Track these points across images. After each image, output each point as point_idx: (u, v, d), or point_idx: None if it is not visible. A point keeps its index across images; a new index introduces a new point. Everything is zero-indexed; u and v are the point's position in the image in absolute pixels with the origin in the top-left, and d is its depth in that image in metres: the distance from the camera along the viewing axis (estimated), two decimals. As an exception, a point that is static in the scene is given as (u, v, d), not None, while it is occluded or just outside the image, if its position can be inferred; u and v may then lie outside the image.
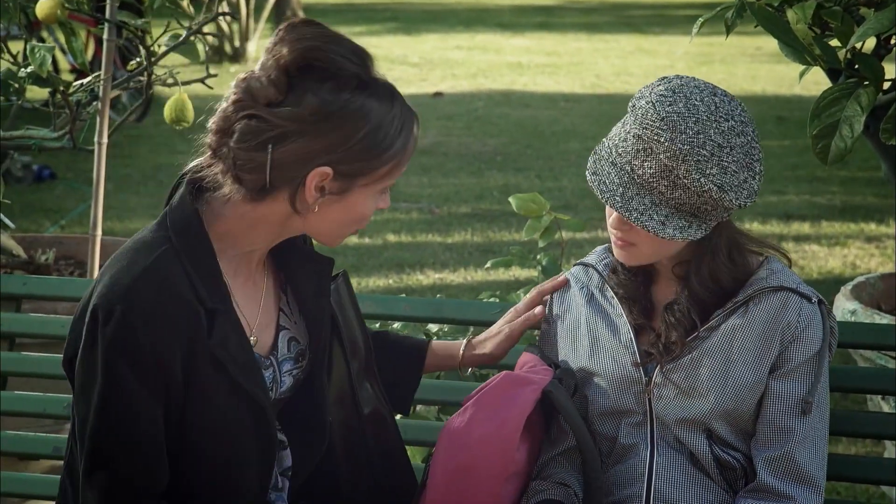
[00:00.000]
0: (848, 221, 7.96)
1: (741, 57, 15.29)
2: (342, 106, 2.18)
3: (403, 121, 2.25)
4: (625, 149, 2.41)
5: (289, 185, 2.20)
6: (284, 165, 2.18)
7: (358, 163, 2.21)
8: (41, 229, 7.53)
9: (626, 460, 2.52)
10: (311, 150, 2.18)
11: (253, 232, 2.27)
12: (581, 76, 14.35)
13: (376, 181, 2.25)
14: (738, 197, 2.38)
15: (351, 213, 2.27)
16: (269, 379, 2.33)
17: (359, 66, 2.21)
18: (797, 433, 2.44)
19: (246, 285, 2.32)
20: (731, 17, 3.12)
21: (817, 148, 2.87)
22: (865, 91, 2.85)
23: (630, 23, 19.98)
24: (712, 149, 2.36)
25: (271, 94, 2.18)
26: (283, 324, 2.38)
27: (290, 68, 2.18)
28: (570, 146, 10.34)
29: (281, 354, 2.37)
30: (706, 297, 2.47)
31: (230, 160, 2.20)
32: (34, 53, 3.35)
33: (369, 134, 2.20)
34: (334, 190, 2.22)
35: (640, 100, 2.42)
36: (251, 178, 2.19)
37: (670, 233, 2.39)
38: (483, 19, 20.12)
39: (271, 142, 2.17)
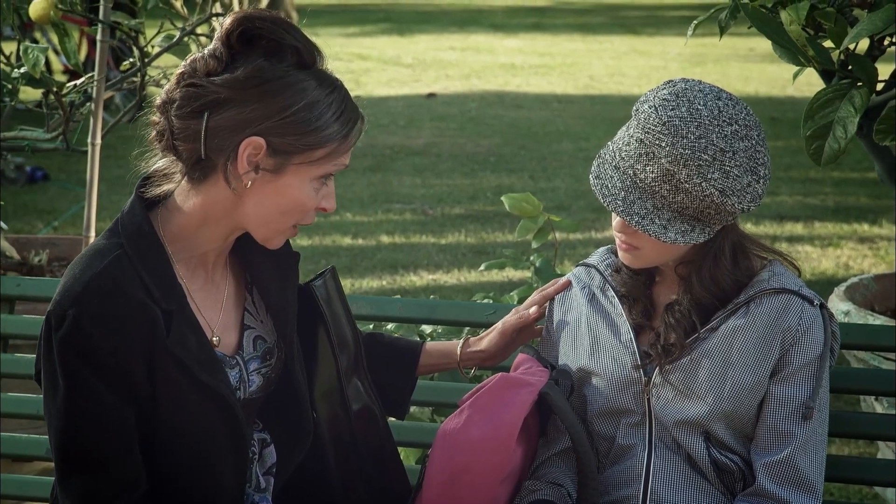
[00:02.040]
0: (841, 222, 7.96)
1: (734, 58, 15.30)
2: (278, 76, 2.19)
3: (344, 110, 2.25)
4: (628, 153, 2.41)
5: (223, 157, 2.20)
6: (218, 133, 2.19)
7: (290, 137, 2.20)
8: (34, 230, 7.52)
9: (623, 461, 2.52)
10: (244, 118, 2.18)
11: (203, 230, 2.27)
12: (574, 77, 14.36)
13: (311, 165, 2.24)
14: (741, 201, 2.38)
15: (286, 198, 2.25)
16: (236, 378, 2.33)
17: (302, 44, 2.23)
18: (798, 438, 2.43)
19: (205, 287, 2.33)
20: (724, 18, 3.13)
21: (811, 149, 2.87)
22: (859, 92, 2.85)
23: (624, 24, 19.99)
24: (714, 153, 2.35)
25: (211, 65, 2.21)
26: (248, 323, 2.39)
27: (231, 38, 2.20)
28: (563, 147, 10.34)
29: (247, 353, 2.36)
30: (707, 300, 2.47)
31: (168, 131, 2.22)
32: (27, 54, 3.35)
33: (303, 108, 2.19)
34: (269, 167, 2.21)
35: (644, 104, 2.42)
36: (186, 148, 2.21)
37: (672, 237, 2.39)
38: (476, 20, 20.12)
39: (207, 108, 2.18)
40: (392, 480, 2.52)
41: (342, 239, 7.67)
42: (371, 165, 9.69)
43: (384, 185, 9.06)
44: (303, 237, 7.67)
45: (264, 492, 2.39)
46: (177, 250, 2.27)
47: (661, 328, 2.49)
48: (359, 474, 2.46)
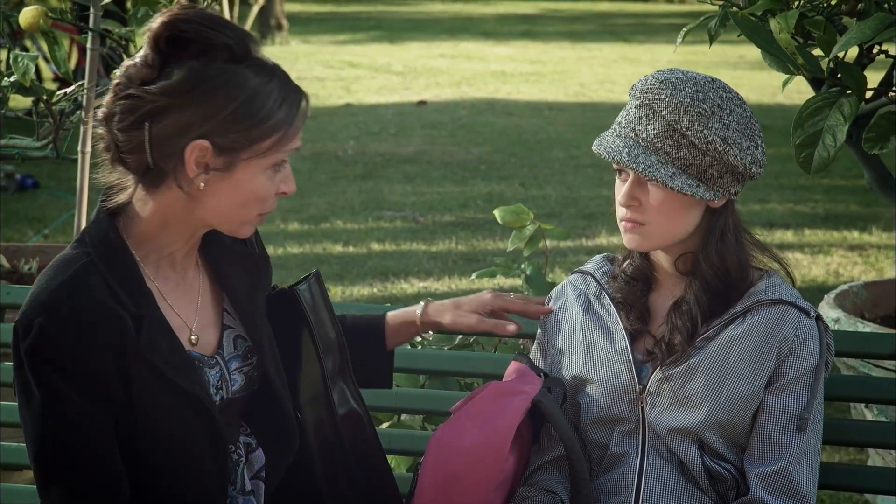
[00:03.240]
0: (831, 230, 7.98)
1: (724, 65, 15.33)
2: (212, 76, 2.17)
3: (285, 95, 2.23)
4: (627, 119, 2.45)
5: (171, 164, 2.19)
6: (162, 141, 2.18)
7: (234, 134, 2.19)
8: (24, 238, 7.51)
9: (615, 468, 2.52)
10: (185, 123, 2.17)
11: (166, 231, 2.27)
12: (565, 84, 14.38)
13: (261, 156, 2.22)
14: (742, 157, 2.41)
15: (243, 192, 2.24)
16: (217, 377, 2.32)
17: (233, 40, 2.20)
18: (792, 449, 2.43)
19: (178, 288, 2.33)
20: (714, 26, 3.13)
21: (800, 157, 2.88)
22: (848, 100, 2.86)
23: (613, 31, 20.03)
24: (712, 106, 2.40)
25: (145, 73, 2.19)
26: (228, 323, 2.38)
27: (160, 42, 2.18)
28: (554, 154, 10.35)
29: (227, 353, 2.36)
30: (714, 284, 2.47)
31: (113, 144, 2.22)
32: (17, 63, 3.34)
33: (243, 104, 2.18)
34: (218, 166, 2.20)
35: (637, 82, 2.48)
36: (134, 159, 2.20)
37: (679, 185, 2.39)
38: (467, 28, 20.15)
39: (147, 118, 2.17)
40: (380, 486, 2.51)
41: (333, 247, 7.67)
42: (362, 173, 9.69)
43: (375, 192, 9.06)
44: (294, 245, 7.67)
45: (249, 495, 2.38)
46: (143, 255, 2.27)
47: (665, 329, 2.49)
48: (346, 480, 2.45)
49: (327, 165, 10.00)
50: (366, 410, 2.53)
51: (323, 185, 9.34)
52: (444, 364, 3.07)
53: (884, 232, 7.80)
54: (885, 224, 7.91)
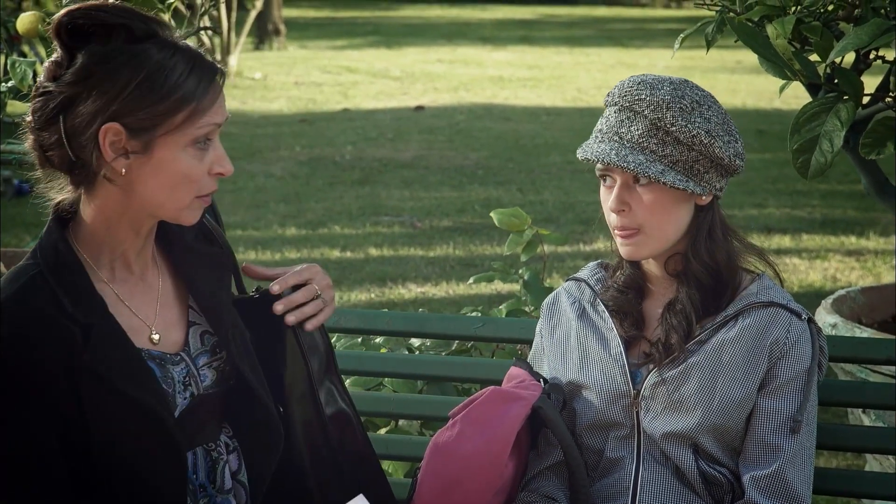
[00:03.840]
0: (828, 235, 7.98)
1: (721, 70, 15.36)
2: (111, 56, 2.16)
3: (192, 66, 2.20)
4: (608, 126, 2.46)
5: (91, 153, 2.18)
6: (77, 132, 2.17)
7: (141, 112, 2.17)
8: (21, 243, 7.50)
9: (611, 474, 2.52)
10: (93, 109, 2.16)
11: (111, 230, 2.25)
12: (562, 89, 14.39)
13: (177, 131, 2.19)
14: (726, 149, 2.43)
15: (168, 174, 2.21)
16: (184, 373, 2.31)
17: (131, 20, 2.19)
18: (786, 451, 2.44)
19: (137, 287, 2.31)
20: (711, 31, 3.14)
21: (797, 162, 2.88)
22: (845, 106, 2.86)
23: (611, 36, 20.06)
24: (691, 102, 2.43)
25: (55, 70, 2.20)
26: (193, 319, 2.37)
27: (63, 37, 2.18)
28: (551, 160, 10.36)
29: (194, 349, 2.34)
30: (706, 281, 2.47)
31: (37, 145, 2.21)
32: (15, 68, 3.34)
33: (145, 80, 2.16)
34: (136, 148, 2.18)
35: (612, 90, 2.49)
36: (57, 156, 2.20)
37: (671, 179, 2.40)
38: (464, 33, 20.17)
39: (60, 111, 2.17)
40: (371, 486, 2.50)
41: (331, 252, 7.67)
42: (359, 178, 9.70)
43: (372, 197, 9.06)
44: (291, 250, 7.67)
45: (229, 494, 2.37)
46: (95, 258, 2.26)
47: (661, 330, 2.50)
48: (336, 479, 2.44)
49: (325, 171, 10.01)
50: (355, 411, 2.52)
51: (320, 190, 9.35)
52: (442, 369, 3.07)
53: (881, 237, 7.80)
54: (883, 229, 7.92)
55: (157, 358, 2.29)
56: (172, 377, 2.29)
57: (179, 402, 2.30)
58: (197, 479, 2.33)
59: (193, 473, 2.33)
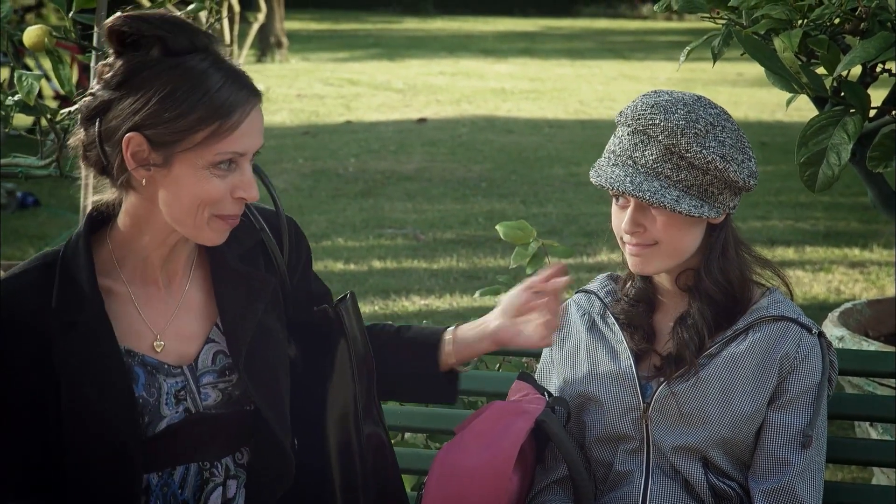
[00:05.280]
0: (832, 247, 7.98)
1: (723, 83, 15.37)
2: (142, 67, 2.18)
3: (220, 87, 2.19)
4: (622, 148, 2.44)
5: (117, 159, 2.21)
6: (108, 136, 2.21)
7: (162, 126, 2.17)
8: (25, 256, 7.50)
9: (620, 487, 2.52)
10: (122, 116, 2.19)
11: (139, 235, 2.28)
12: (565, 102, 14.40)
13: (196, 150, 2.19)
14: (741, 171, 2.42)
15: (185, 191, 2.20)
16: (178, 387, 2.29)
17: (168, 33, 2.19)
18: (796, 466, 2.43)
19: (157, 294, 2.32)
20: (717, 44, 3.13)
21: (805, 176, 2.87)
22: (852, 119, 2.85)
23: (612, 49, 20.07)
24: (706, 125, 2.41)
25: (103, 70, 2.24)
26: (213, 337, 2.34)
27: (112, 41, 2.21)
28: (554, 172, 10.36)
29: (202, 366, 2.32)
30: (718, 298, 2.47)
31: (80, 143, 2.26)
32: (21, 82, 3.34)
33: (170, 94, 2.17)
34: (157, 161, 2.19)
35: (625, 109, 2.48)
36: (93, 156, 2.24)
37: (686, 208, 2.39)
38: (466, 45, 20.19)
39: (98, 114, 2.22)
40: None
41: (334, 264, 7.67)
42: (362, 191, 9.70)
43: (375, 210, 9.06)
44: (294, 262, 7.66)
45: None
46: (122, 256, 2.29)
47: (672, 344, 2.49)
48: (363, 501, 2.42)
49: (328, 183, 10.01)
50: (387, 433, 2.50)
51: (323, 202, 9.35)
52: (448, 382, 3.06)
53: (884, 249, 7.80)
54: (886, 241, 7.91)
55: (150, 365, 2.28)
56: (159, 386, 2.27)
57: (168, 414, 2.27)
58: (182, 493, 2.32)
59: (179, 488, 2.31)
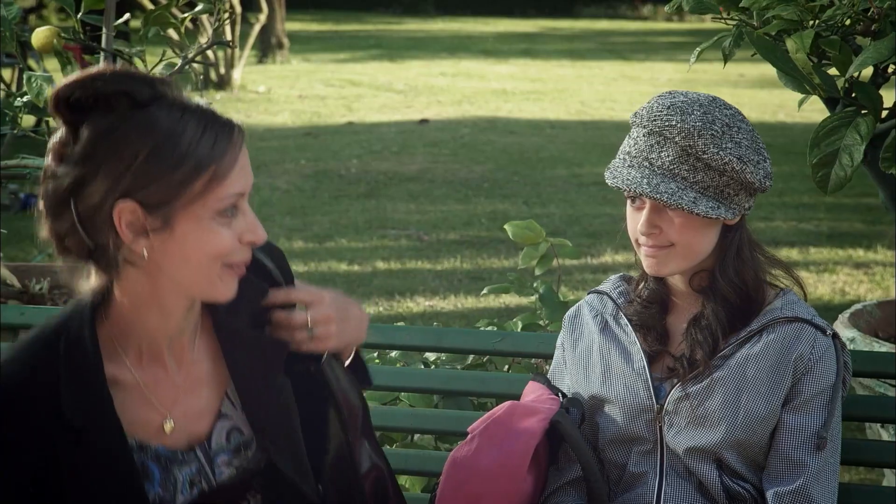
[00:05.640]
0: (836, 248, 7.97)
1: (724, 83, 15.35)
2: (114, 128, 1.95)
3: (205, 126, 1.99)
4: (637, 149, 2.44)
5: (108, 237, 1.97)
6: (90, 216, 1.97)
7: (155, 183, 1.95)
8: (28, 257, 7.49)
9: (634, 488, 2.52)
10: (103, 188, 1.95)
11: (140, 315, 2.07)
12: (566, 103, 14.40)
13: (198, 201, 1.98)
14: (756, 172, 2.42)
15: (195, 249, 2.00)
16: (192, 473, 2.13)
17: (129, 86, 1.98)
18: (811, 468, 2.43)
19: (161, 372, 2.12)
20: (728, 45, 3.13)
21: (817, 177, 2.88)
22: (864, 120, 2.86)
23: (613, 49, 20.07)
24: (722, 127, 2.40)
25: (59, 148, 1.99)
26: (225, 411, 2.17)
27: (63, 113, 1.98)
28: (557, 173, 10.36)
29: (216, 446, 2.15)
30: (732, 299, 2.47)
31: (53, 234, 2.01)
32: (31, 83, 3.34)
33: (155, 148, 1.95)
34: (156, 226, 1.97)
35: (640, 110, 2.47)
36: (74, 244, 1.99)
37: (703, 209, 2.39)
38: (466, 46, 20.19)
39: (70, 195, 1.97)
40: None
41: (338, 265, 7.66)
42: (365, 192, 9.69)
43: (378, 211, 9.06)
44: (298, 263, 7.66)
45: None
46: (123, 341, 2.09)
47: (685, 345, 2.49)
48: None
49: (330, 184, 10.01)
50: (387, 464, 2.39)
51: (326, 203, 9.34)
52: (458, 384, 3.06)
53: (888, 250, 7.79)
54: (890, 242, 7.90)
55: (163, 458, 2.11)
56: (175, 480, 2.12)
57: (182, 500, 2.12)
58: None
59: None
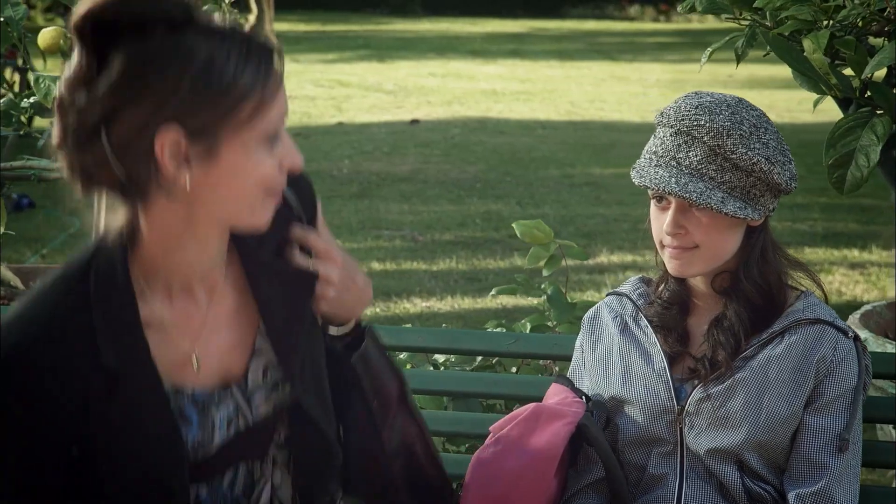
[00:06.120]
0: (831, 248, 7.98)
1: (713, 84, 15.36)
2: (155, 53, 1.85)
3: (248, 50, 1.90)
4: (664, 148, 2.43)
5: (147, 168, 1.87)
6: (126, 146, 1.86)
7: (202, 111, 1.86)
8: (22, 258, 7.47)
9: (654, 490, 2.50)
10: (143, 116, 1.85)
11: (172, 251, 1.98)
12: (555, 103, 14.40)
13: (243, 128, 1.89)
14: (783, 174, 2.41)
15: (242, 178, 1.92)
16: (231, 412, 2.09)
17: (163, 6, 1.88)
18: (833, 470, 2.42)
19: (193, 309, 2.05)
20: (741, 45, 3.13)
21: (833, 177, 2.87)
22: (880, 120, 2.86)
23: (601, 50, 20.07)
24: (749, 128, 2.40)
25: (82, 76, 1.86)
26: (259, 346, 2.10)
27: (86, 36, 1.85)
28: (549, 173, 10.35)
29: (252, 384, 2.10)
30: (756, 300, 2.46)
31: (78, 167, 1.90)
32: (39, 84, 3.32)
33: (200, 74, 1.85)
34: (200, 155, 1.88)
35: (666, 110, 2.46)
36: (105, 177, 1.89)
37: (732, 209, 2.38)
38: (454, 46, 20.17)
39: (100, 125, 1.86)
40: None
41: (333, 266, 7.63)
42: (357, 192, 9.67)
43: (371, 211, 9.04)
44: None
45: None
46: (151, 280, 2.00)
47: (707, 346, 2.48)
48: None
49: (322, 184, 9.98)
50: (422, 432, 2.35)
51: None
52: (468, 385, 3.05)
53: (884, 250, 7.80)
54: (885, 242, 7.92)
55: (200, 401, 2.06)
56: (212, 422, 2.08)
57: (219, 440, 2.09)
58: (231, 493, 2.19)
59: (229, 489, 2.18)
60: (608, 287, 6.82)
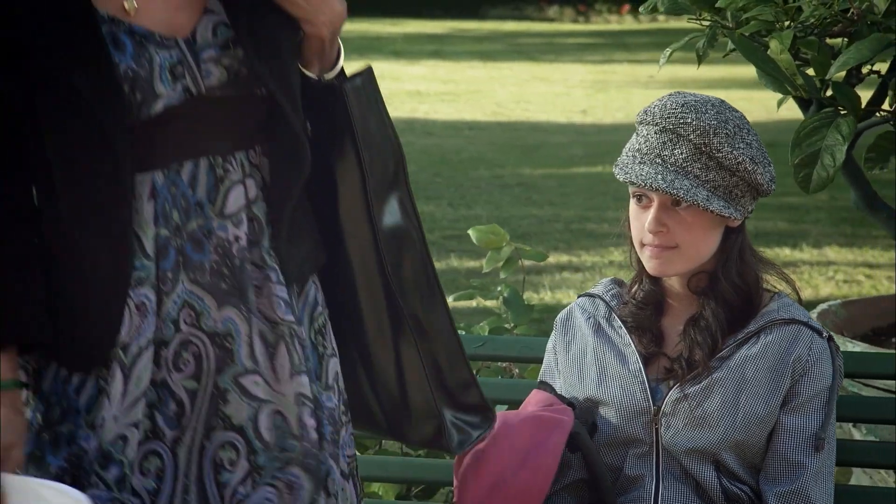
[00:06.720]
0: (762, 247, 7.99)
1: (635, 85, 15.48)
2: None
3: None
4: (649, 146, 2.43)
5: None
6: None
7: None
8: None
9: (630, 491, 2.50)
10: None
11: None
12: (481, 104, 14.41)
13: None
14: (765, 174, 2.44)
15: None
16: (173, 61, 2.03)
17: None
18: (809, 469, 2.44)
19: None
20: (702, 46, 3.13)
21: (799, 177, 2.89)
22: (845, 120, 2.88)
23: (522, 51, 20.14)
24: (734, 127, 2.41)
25: None
26: (212, 7, 2.07)
27: None
28: (479, 174, 10.35)
29: (202, 40, 2.05)
30: (733, 301, 2.47)
31: None
32: None
33: None
34: None
35: (650, 108, 2.45)
36: None
37: (717, 206, 2.39)
38: (376, 47, 20.12)
39: None
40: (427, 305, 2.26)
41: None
42: (287, 194, 9.61)
43: (303, 213, 8.97)
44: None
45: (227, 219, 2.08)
46: None
47: (683, 346, 2.48)
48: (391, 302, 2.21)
49: (251, 186, 9.90)
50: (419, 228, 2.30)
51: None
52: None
53: (814, 249, 7.89)
54: (815, 241, 8.01)
55: (138, 34, 2.02)
56: (151, 59, 2.01)
57: (164, 93, 2.02)
58: (193, 195, 2.07)
59: (190, 188, 2.06)
60: (546, 288, 6.83)
